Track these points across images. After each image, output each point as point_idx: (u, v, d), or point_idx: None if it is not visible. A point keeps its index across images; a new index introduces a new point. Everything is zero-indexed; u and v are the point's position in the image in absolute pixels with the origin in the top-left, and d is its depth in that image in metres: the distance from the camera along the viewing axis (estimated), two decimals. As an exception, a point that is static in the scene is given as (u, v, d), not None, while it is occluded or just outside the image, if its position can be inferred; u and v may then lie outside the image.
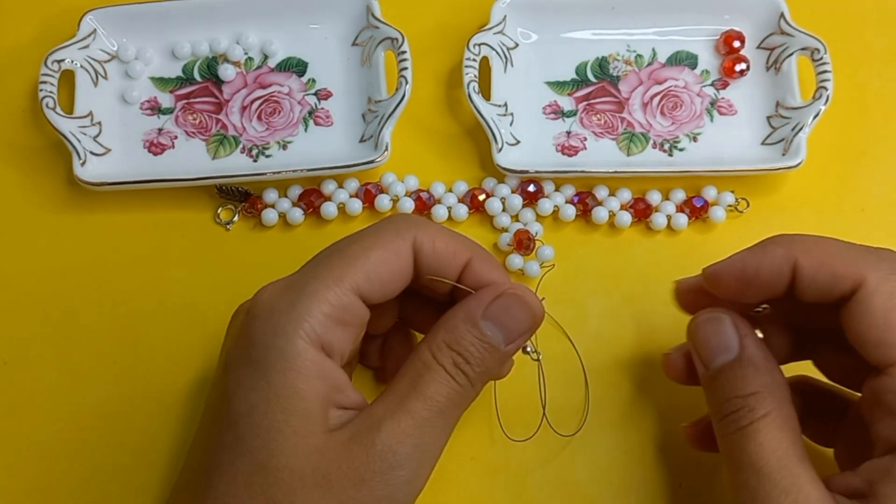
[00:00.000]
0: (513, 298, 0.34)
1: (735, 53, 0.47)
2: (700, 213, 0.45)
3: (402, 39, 0.45)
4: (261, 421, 0.30)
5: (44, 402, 0.42)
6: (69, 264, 0.44)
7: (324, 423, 0.31)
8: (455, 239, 0.35)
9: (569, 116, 0.47)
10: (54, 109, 0.44)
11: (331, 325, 0.31)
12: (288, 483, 0.30)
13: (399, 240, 0.33)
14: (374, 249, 0.33)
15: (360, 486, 0.30)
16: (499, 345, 0.33)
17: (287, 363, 0.31)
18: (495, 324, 0.33)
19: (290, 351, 0.31)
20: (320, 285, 0.32)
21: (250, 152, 0.46)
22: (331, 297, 0.32)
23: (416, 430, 0.31)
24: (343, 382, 0.32)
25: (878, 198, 0.46)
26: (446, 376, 0.32)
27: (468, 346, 0.33)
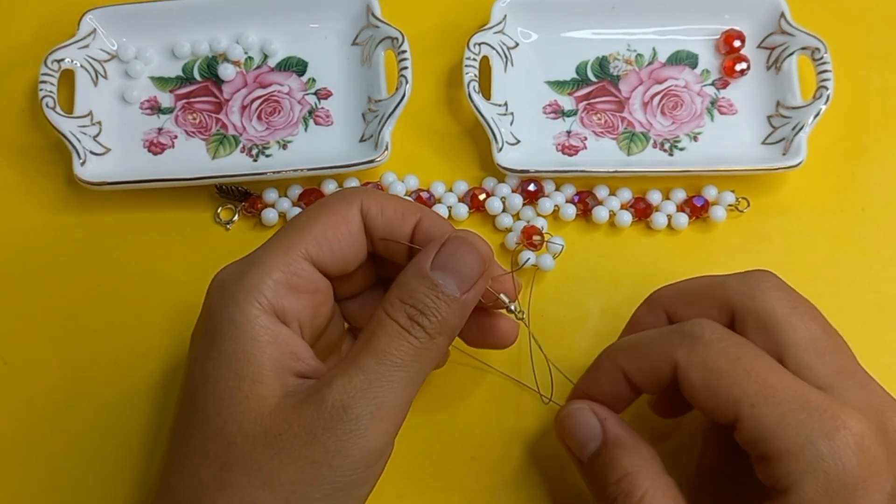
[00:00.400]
0: (457, 242, 0.33)
1: (735, 53, 0.47)
2: (700, 212, 0.45)
3: (402, 39, 0.45)
4: (214, 389, 0.31)
5: (44, 402, 0.42)
6: (69, 264, 0.44)
7: (279, 389, 0.31)
8: (402, 202, 0.35)
9: (569, 116, 0.47)
10: (54, 109, 0.44)
11: (282, 291, 0.32)
12: (241, 447, 0.30)
13: (345, 205, 0.34)
14: (321, 216, 0.33)
15: (310, 442, 0.30)
16: (454, 293, 0.32)
17: (238, 330, 0.31)
18: (446, 272, 0.32)
19: (241, 318, 0.31)
20: (269, 255, 0.32)
21: (250, 152, 0.46)
22: (279, 263, 0.32)
23: (368, 384, 0.31)
24: (301, 350, 0.32)
25: (878, 197, 0.46)
26: (400, 330, 0.31)
27: (422, 299, 0.32)
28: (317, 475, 0.30)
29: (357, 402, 0.30)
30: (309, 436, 0.30)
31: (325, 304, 0.35)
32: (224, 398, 0.30)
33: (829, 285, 0.44)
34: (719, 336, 0.33)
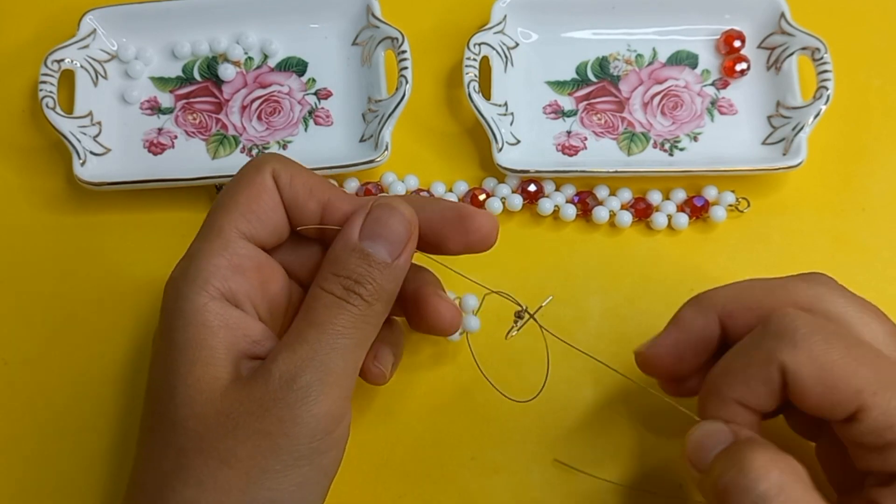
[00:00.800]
0: (382, 209, 0.33)
1: (735, 53, 0.47)
2: (701, 212, 0.45)
3: (402, 39, 0.45)
4: (169, 378, 0.31)
5: (44, 402, 0.42)
6: (69, 264, 0.44)
7: (231, 371, 0.31)
8: (313, 178, 0.35)
9: (569, 116, 0.47)
10: (54, 109, 0.44)
11: (227, 274, 0.32)
12: (194, 430, 0.30)
13: (259, 175, 0.34)
14: (240, 191, 0.34)
15: (263, 416, 0.30)
16: (385, 259, 0.32)
17: (187, 320, 0.31)
18: (375, 240, 0.33)
19: (190, 308, 0.31)
20: (205, 243, 0.33)
21: (250, 152, 0.46)
22: (217, 248, 0.32)
23: (313, 353, 0.31)
24: (255, 331, 0.32)
25: (878, 197, 0.46)
26: (337, 301, 0.32)
27: (355, 269, 0.32)
28: (274, 447, 0.30)
29: (304, 372, 0.31)
30: (261, 410, 0.30)
31: (273, 280, 0.35)
32: (177, 385, 0.31)
33: (830, 285, 0.44)
34: (815, 327, 0.31)
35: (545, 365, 0.38)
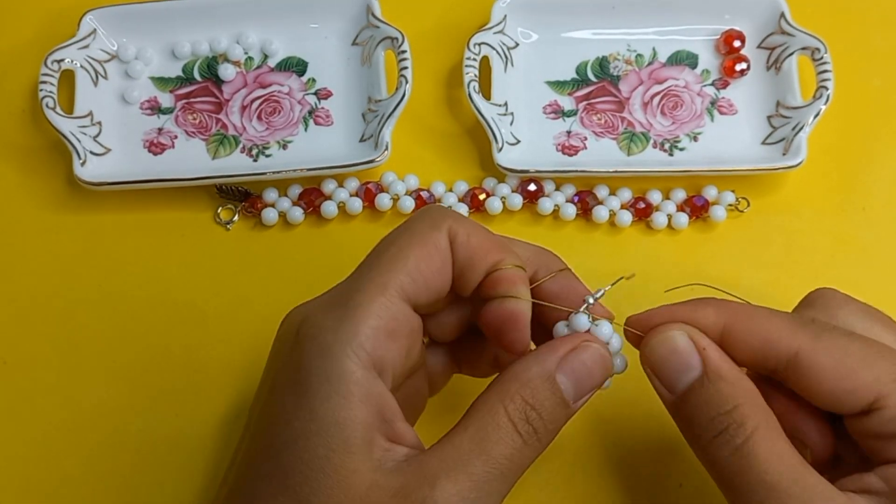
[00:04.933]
0: (592, 353, 0.32)
1: (735, 53, 0.47)
2: (700, 212, 0.45)
3: (402, 39, 0.45)
4: (302, 454, 0.29)
5: (44, 402, 0.42)
6: (69, 264, 0.44)
7: (368, 458, 0.29)
8: (489, 237, 0.33)
9: (569, 116, 0.47)
10: (54, 109, 0.44)
11: (381, 338, 0.30)
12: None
13: (436, 232, 0.32)
14: (412, 247, 0.31)
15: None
16: (570, 400, 0.31)
17: (331, 387, 0.29)
18: (568, 377, 0.31)
19: (335, 374, 0.29)
20: (365, 297, 0.30)
21: (250, 152, 0.46)
22: (377, 307, 0.30)
23: (473, 492, 0.29)
24: (392, 411, 0.30)
25: (878, 197, 0.46)
26: (515, 434, 0.30)
27: (543, 401, 0.30)
28: None
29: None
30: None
31: (416, 344, 0.32)
32: (313, 467, 0.28)
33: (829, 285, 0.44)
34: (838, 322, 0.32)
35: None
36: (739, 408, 0.31)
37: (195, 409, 0.41)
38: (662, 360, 0.32)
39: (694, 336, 0.32)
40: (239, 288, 0.44)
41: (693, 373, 0.32)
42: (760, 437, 0.30)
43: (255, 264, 0.44)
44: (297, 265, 0.44)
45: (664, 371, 0.32)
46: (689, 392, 0.32)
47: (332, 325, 0.30)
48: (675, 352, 0.32)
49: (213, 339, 0.43)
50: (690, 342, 0.32)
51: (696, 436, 0.32)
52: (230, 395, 0.41)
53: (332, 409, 0.28)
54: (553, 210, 0.45)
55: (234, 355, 0.42)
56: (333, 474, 0.28)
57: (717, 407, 0.31)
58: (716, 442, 0.31)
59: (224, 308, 0.43)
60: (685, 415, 0.32)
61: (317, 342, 0.29)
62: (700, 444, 0.31)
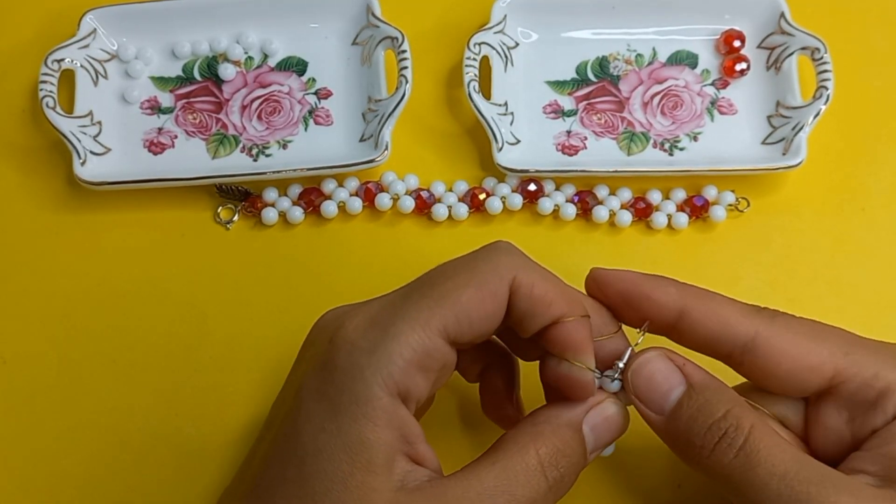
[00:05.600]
0: (614, 410, 0.33)
1: (735, 53, 0.47)
2: (700, 212, 0.45)
3: (402, 39, 0.45)
4: (326, 466, 0.29)
5: (44, 401, 0.42)
6: (69, 264, 0.44)
7: (389, 479, 0.29)
8: (555, 287, 0.32)
9: (569, 116, 0.47)
10: (54, 109, 0.44)
11: (411, 371, 0.30)
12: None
13: (497, 280, 0.31)
14: (468, 288, 0.31)
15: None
16: (589, 452, 0.32)
17: (360, 409, 0.29)
18: (593, 430, 0.32)
19: (365, 397, 0.29)
20: (406, 327, 0.30)
21: (250, 151, 0.46)
22: (415, 341, 0.30)
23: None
24: (415, 435, 0.30)
25: (878, 197, 0.46)
26: (542, 478, 0.31)
27: (570, 450, 0.31)
28: None
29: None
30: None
31: (446, 376, 0.33)
32: (335, 480, 0.29)
33: (829, 285, 0.44)
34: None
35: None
36: (731, 411, 0.31)
37: (195, 409, 0.41)
38: (646, 384, 0.33)
39: (670, 355, 0.33)
40: (239, 288, 0.44)
41: (678, 390, 0.32)
42: (759, 433, 0.31)
43: (255, 264, 0.44)
44: (297, 265, 0.45)
45: (650, 395, 0.33)
46: (678, 409, 0.32)
47: (367, 347, 0.30)
48: (657, 372, 0.33)
49: (213, 339, 0.43)
50: (669, 361, 0.33)
51: (695, 448, 0.32)
52: (230, 395, 0.42)
53: (360, 430, 0.29)
54: (553, 210, 0.45)
55: (234, 355, 0.42)
56: (355, 490, 0.29)
57: (710, 415, 0.31)
58: (717, 449, 0.31)
59: (224, 308, 0.43)
60: (678, 432, 0.32)
61: (350, 361, 0.30)
62: (701, 455, 0.32)
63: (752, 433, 0.31)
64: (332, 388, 0.30)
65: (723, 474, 0.31)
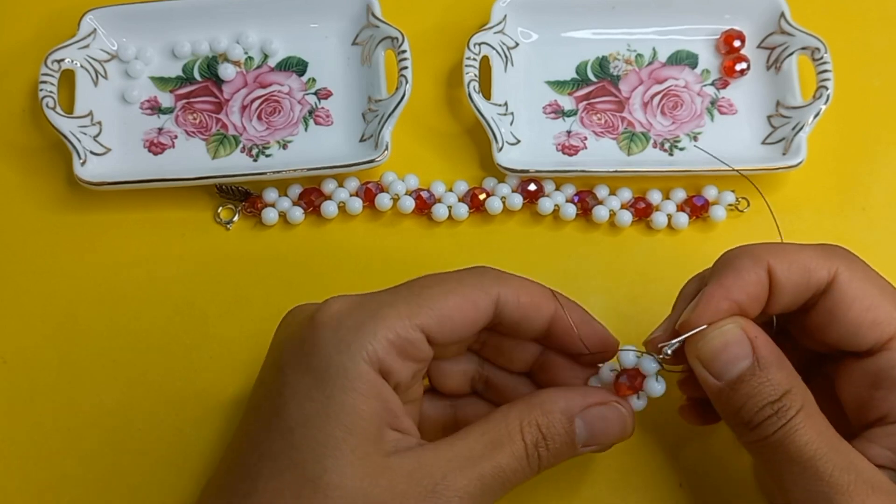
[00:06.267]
0: (615, 414, 0.34)
1: (735, 53, 0.47)
2: (701, 212, 0.45)
3: (402, 39, 0.45)
4: (317, 434, 0.30)
5: (44, 401, 0.42)
6: (69, 264, 0.44)
7: (379, 446, 0.30)
8: (537, 290, 0.34)
9: (569, 116, 0.47)
10: (54, 109, 0.44)
11: (392, 352, 0.31)
12: (336, 502, 0.29)
13: (482, 293, 0.33)
14: (453, 295, 0.33)
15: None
16: (579, 443, 0.33)
17: (348, 381, 0.30)
18: (586, 424, 0.33)
19: (353, 370, 0.30)
20: (391, 313, 0.32)
21: (250, 152, 0.46)
22: (398, 326, 0.31)
23: (478, 490, 0.31)
24: (398, 407, 0.32)
25: (878, 197, 0.46)
26: (524, 453, 0.32)
27: (555, 435, 0.32)
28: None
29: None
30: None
31: (422, 372, 0.34)
32: (327, 446, 0.30)
33: (830, 285, 0.44)
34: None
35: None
36: (789, 393, 0.32)
37: (195, 409, 0.41)
38: (716, 352, 0.33)
39: (746, 327, 0.33)
40: (239, 288, 0.44)
41: (745, 361, 0.33)
42: (804, 416, 0.31)
43: (255, 264, 0.44)
44: (297, 265, 0.45)
45: (716, 362, 0.33)
46: (739, 381, 0.32)
47: (353, 324, 0.31)
48: (729, 343, 0.33)
49: (213, 339, 0.43)
50: (743, 333, 0.33)
51: (743, 420, 0.32)
52: (230, 395, 0.41)
53: (351, 399, 0.30)
54: (553, 210, 0.45)
55: (234, 355, 0.42)
56: (349, 454, 0.30)
57: (769, 394, 0.32)
58: (762, 426, 0.32)
59: (224, 308, 0.43)
60: (733, 401, 0.33)
61: (336, 335, 0.31)
62: (748, 427, 0.32)
63: (798, 415, 0.31)
64: (316, 361, 0.31)
65: (753, 445, 0.32)
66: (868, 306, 0.32)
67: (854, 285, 0.33)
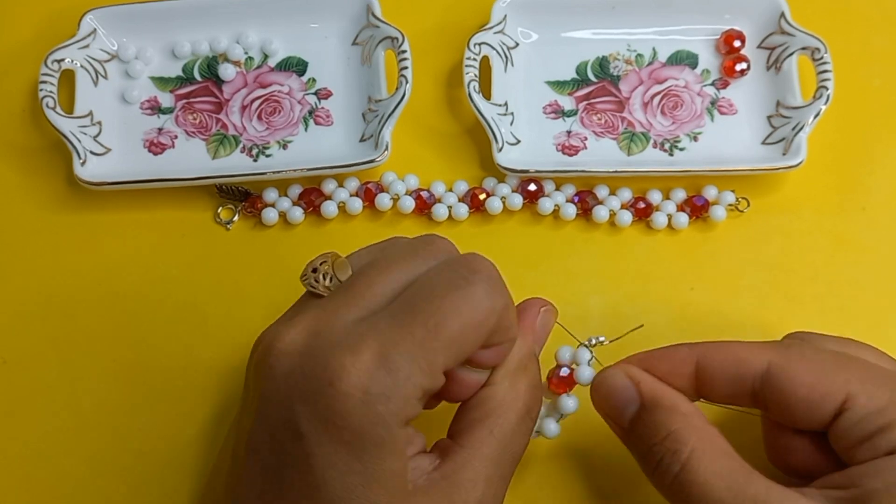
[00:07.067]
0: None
1: (735, 53, 0.47)
2: (701, 212, 0.45)
3: (402, 39, 0.45)
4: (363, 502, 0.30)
5: (44, 401, 0.42)
6: (69, 264, 0.44)
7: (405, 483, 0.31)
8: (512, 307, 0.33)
9: (569, 116, 0.47)
10: (54, 109, 0.44)
11: (420, 403, 0.31)
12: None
13: (492, 317, 0.31)
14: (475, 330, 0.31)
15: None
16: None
17: (386, 448, 0.30)
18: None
19: (389, 438, 0.30)
20: (415, 370, 0.30)
21: (250, 152, 0.46)
22: (424, 383, 0.30)
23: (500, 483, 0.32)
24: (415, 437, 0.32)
25: (878, 197, 0.46)
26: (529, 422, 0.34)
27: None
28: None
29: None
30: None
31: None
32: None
33: (829, 285, 0.44)
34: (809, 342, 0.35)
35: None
36: (673, 434, 0.32)
37: (195, 409, 0.41)
38: (605, 398, 0.35)
39: (630, 371, 0.34)
40: (239, 288, 0.44)
41: (633, 405, 0.34)
42: (697, 459, 0.31)
43: (255, 264, 0.44)
44: (297, 265, 0.44)
45: (609, 408, 0.35)
46: (632, 425, 0.34)
47: (381, 392, 0.29)
48: (614, 389, 0.34)
49: (213, 339, 0.43)
50: (627, 378, 0.34)
51: (644, 467, 0.33)
52: (230, 395, 0.42)
53: (388, 464, 0.30)
54: (553, 210, 0.45)
55: (234, 355, 0.42)
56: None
57: (653, 436, 0.33)
58: (658, 472, 0.32)
59: (224, 308, 0.43)
60: (632, 447, 0.34)
61: (366, 407, 0.29)
62: (648, 473, 0.33)
63: (690, 458, 0.31)
64: (349, 435, 0.29)
65: (666, 496, 0.33)
66: (812, 382, 0.32)
67: (792, 367, 0.33)
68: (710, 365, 0.34)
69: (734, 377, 0.33)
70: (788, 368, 0.32)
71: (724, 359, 0.34)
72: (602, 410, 0.35)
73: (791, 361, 0.33)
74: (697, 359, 0.34)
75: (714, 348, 0.34)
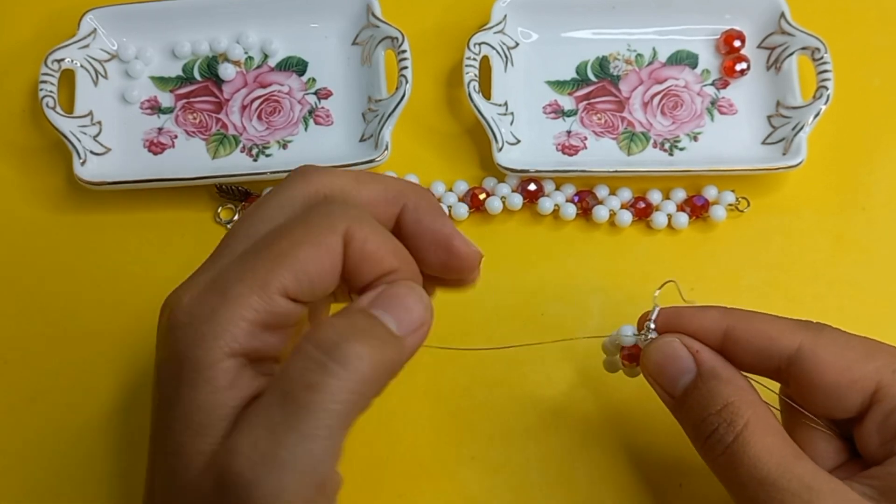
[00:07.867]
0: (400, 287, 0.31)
1: (735, 53, 0.47)
2: (701, 212, 0.45)
3: (402, 38, 0.45)
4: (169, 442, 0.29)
5: (44, 401, 0.42)
6: (69, 264, 0.44)
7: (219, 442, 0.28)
8: (386, 243, 0.30)
9: (569, 116, 0.47)
10: (54, 109, 0.44)
11: (257, 331, 0.29)
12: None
13: (331, 234, 0.29)
14: (303, 246, 0.29)
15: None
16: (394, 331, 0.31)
17: (200, 375, 0.28)
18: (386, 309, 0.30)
19: (206, 362, 0.28)
20: (245, 289, 0.28)
21: (250, 151, 0.46)
22: (255, 303, 0.28)
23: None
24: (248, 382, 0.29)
25: (878, 197, 0.46)
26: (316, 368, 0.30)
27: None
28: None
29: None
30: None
31: (300, 327, 0.31)
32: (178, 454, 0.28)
33: (829, 285, 0.44)
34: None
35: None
36: (730, 406, 0.32)
37: (195, 409, 0.41)
38: (660, 365, 0.34)
39: (686, 341, 0.34)
40: (239, 288, 0.44)
41: (689, 375, 0.33)
42: (750, 432, 0.31)
43: (255, 264, 0.44)
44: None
45: (662, 376, 0.34)
46: (686, 394, 0.33)
47: (207, 313, 0.28)
48: (670, 356, 0.34)
49: (213, 339, 0.43)
50: (684, 347, 0.34)
51: (694, 437, 0.33)
52: (230, 395, 0.41)
53: (199, 395, 0.28)
54: (553, 210, 0.45)
55: (234, 355, 0.42)
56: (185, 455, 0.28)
57: (709, 406, 0.32)
58: (709, 442, 0.32)
59: (224, 308, 0.43)
60: (683, 416, 0.33)
61: (190, 330, 0.29)
62: (698, 446, 0.33)
63: (743, 431, 0.31)
64: (175, 366, 0.29)
65: (712, 465, 0.32)
66: (842, 368, 0.32)
67: (821, 351, 0.32)
68: (740, 336, 0.33)
69: (762, 352, 0.33)
70: (818, 352, 0.32)
71: (755, 333, 0.33)
72: (654, 377, 0.34)
73: (821, 345, 0.32)
74: (726, 327, 0.33)
75: (746, 320, 0.34)
